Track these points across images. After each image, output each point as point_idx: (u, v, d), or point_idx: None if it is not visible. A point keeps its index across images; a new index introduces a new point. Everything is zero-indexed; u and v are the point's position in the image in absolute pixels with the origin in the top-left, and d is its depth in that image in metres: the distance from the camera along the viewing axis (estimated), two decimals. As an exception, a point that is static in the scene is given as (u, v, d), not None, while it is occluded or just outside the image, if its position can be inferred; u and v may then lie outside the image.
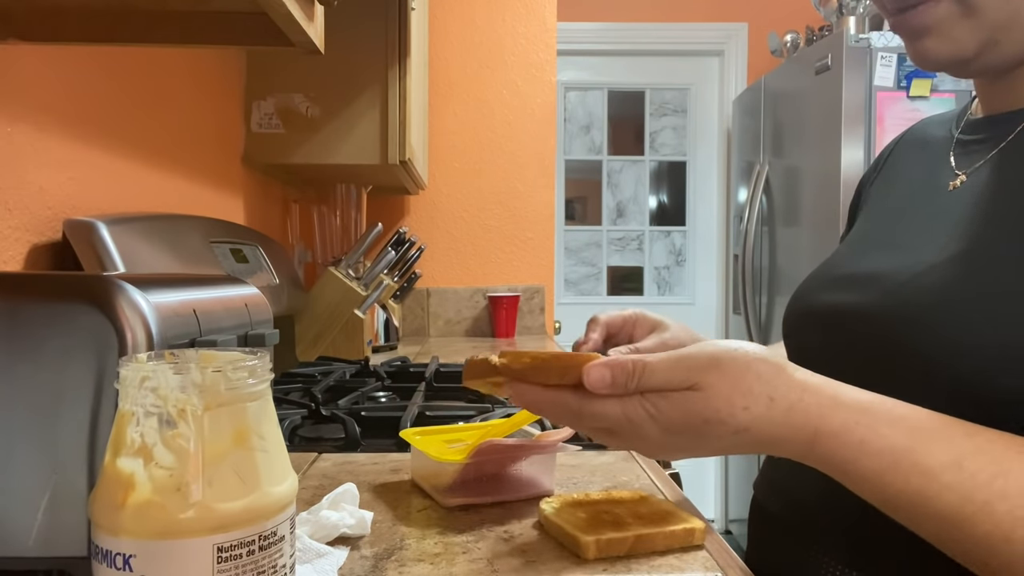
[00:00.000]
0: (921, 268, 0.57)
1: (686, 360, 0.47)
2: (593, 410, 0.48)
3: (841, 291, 0.64)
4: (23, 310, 0.50)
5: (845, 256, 0.71)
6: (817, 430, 0.46)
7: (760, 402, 0.46)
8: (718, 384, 0.46)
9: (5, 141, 0.83)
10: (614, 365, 0.47)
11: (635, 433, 0.48)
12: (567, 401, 0.49)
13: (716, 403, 0.46)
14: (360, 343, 1.71)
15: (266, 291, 1.33)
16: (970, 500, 0.44)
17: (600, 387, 0.47)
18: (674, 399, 0.47)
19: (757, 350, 0.48)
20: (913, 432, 0.46)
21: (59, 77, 0.94)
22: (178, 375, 0.37)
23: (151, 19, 0.75)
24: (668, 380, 0.47)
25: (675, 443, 0.48)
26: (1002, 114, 0.63)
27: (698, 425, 0.46)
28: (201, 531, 0.36)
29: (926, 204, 0.65)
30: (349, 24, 1.64)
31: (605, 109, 3.72)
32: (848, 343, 0.60)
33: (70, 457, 0.49)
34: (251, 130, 1.66)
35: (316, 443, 0.92)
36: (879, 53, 2.38)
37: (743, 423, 0.46)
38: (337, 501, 0.63)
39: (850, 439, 0.46)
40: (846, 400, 0.47)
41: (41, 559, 0.49)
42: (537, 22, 2.34)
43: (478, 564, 0.56)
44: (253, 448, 0.39)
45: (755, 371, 0.47)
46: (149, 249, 0.96)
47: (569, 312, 3.51)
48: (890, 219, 0.69)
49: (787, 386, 0.47)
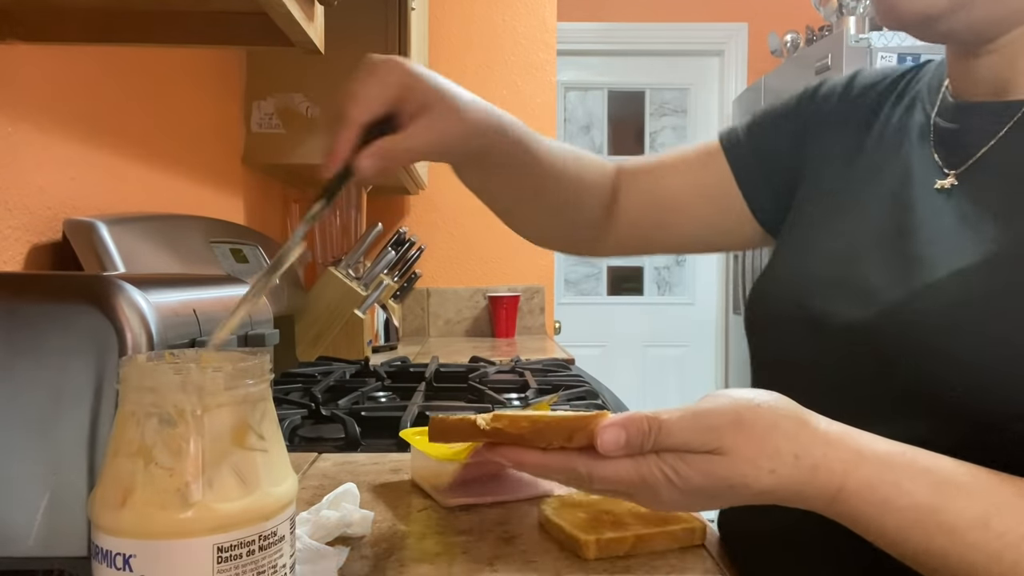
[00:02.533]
0: (925, 285, 0.53)
1: (706, 418, 0.45)
2: (605, 474, 0.45)
3: (832, 300, 0.60)
4: (23, 310, 0.50)
5: (822, 255, 0.64)
6: (841, 487, 0.44)
7: (787, 463, 0.44)
8: (744, 447, 0.44)
9: (5, 141, 0.83)
10: (628, 424, 0.44)
11: (651, 495, 0.46)
12: (574, 465, 0.46)
13: (743, 468, 0.44)
14: (360, 343, 1.71)
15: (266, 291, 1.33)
16: (998, 561, 0.42)
17: (614, 449, 0.44)
18: (695, 462, 0.44)
19: (776, 402, 0.46)
20: (937, 487, 0.44)
21: (59, 77, 0.94)
22: (178, 375, 0.37)
23: (151, 19, 0.75)
24: (687, 441, 0.44)
25: (693, 503, 0.46)
26: (983, 103, 0.59)
27: (721, 488, 0.44)
28: (201, 531, 0.36)
29: (912, 204, 0.59)
30: (349, 24, 1.64)
31: (605, 109, 3.72)
32: (848, 360, 0.57)
33: (70, 457, 0.49)
34: (251, 130, 1.66)
35: (316, 443, 0.92)
36: (879, 53, 2.38)
37: (768, 486, 0.44)
38: (337, 501, 0.63)
39: (874, 497, 0.44)
40: (869, 454, 0.45)
41: (41, 559, 0.49)
42: (537, 22, 2.34)
43: (478, 564, 0.56)
44: (253, 448, 0.39)
45: (781, 429, 0.45)
46: (149, 249, 0.96)
47: (569, 312, 3.51)
48: (869, 214, 0.62)
49: (811, 442, 0.45)
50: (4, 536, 0.49)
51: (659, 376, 3.69)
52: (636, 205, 0.80)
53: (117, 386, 0.38)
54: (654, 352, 3.73)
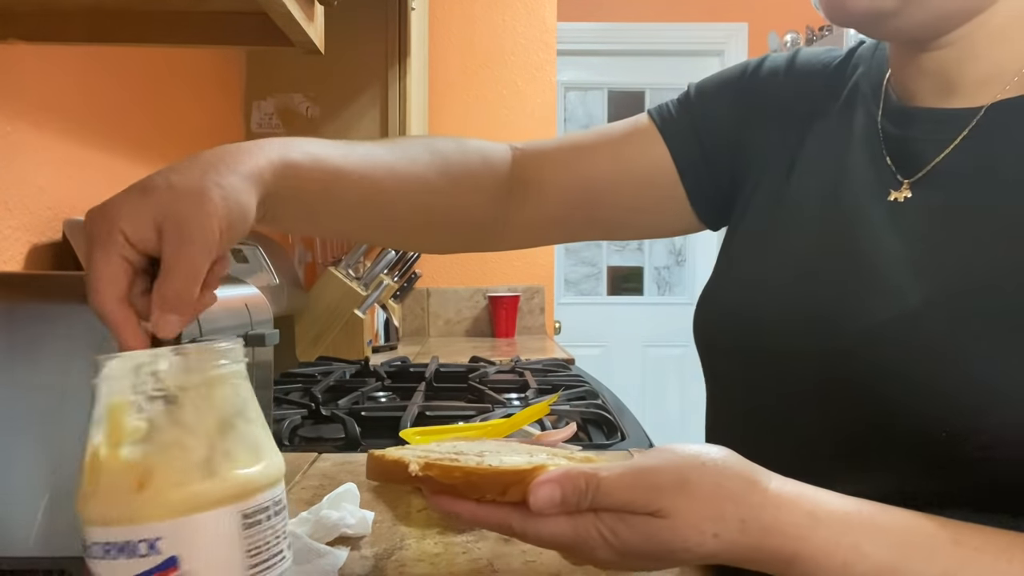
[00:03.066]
0: (888, 315, 0.51)
1: (648, 477, 0.42)
2: (539, 530, 0.43)
3: (787, 328, 0.56)
4: (23, 310, 0.50)
5: (772, 270, 0.60)
6: (796, 553, 0.42)
7: (732, 527, 0.41)
8: (686, 511, 0.41)
9: (5, 141, 0.83)
10: (563, 481, 0.41)
11: (586, 553, 0.43)
12: (508, 520, 0.43)
13: (685, 532, 0.41)
14: (360, 343, 1.71)
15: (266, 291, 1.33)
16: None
17: (548, 508, 0.41)
18: (634, 524, 0.41)
19: (724, 459, 0.44)
20: (897, 547, 0.42)
21: (59, 77, 0.94)
22: (178, 356, 0.38)
23: (151, 19, 0.75)
24: (627, 501, 0.41)
25: (631, 564, 0.44)
26: (934, 110, 0.56)
27: (661, 552, 0.42)
28: (227, 500, 0.37)
29: (864, 218, 0.56)
30: (349, 24, 1.64)
31: (605, 109, 3.72)
32: (802, 386, 0.55)
33: (70, 457, 0.49)
34: (251, 130, 1.66)
35: (316, 443, 0.92)
36: (879, 53, 2.38)
37: (712, 551, 0.42)
38: (337, 501, 0.63)
39: (831, 563, 0.42)
40: (824, 516, 0.43)
41: (41, 559, 0.49)
42: (537, 22, 2.34)
43: (478, 564, 0.56)
44: (252, 420, 0.40)
45: (726, 490, 0.42)
46: (149, 249, 0.96)
47: (569, 312, 3.51)
48: (819, 227, 0.59)
49: (760, 505, 0.42)
50: (4, 536, 0.49)
51: (659, 376, 3.69)
52: (551, 192, 0.72)
53: (96, 381, 0.38)
54: (654, 352, 3.73)
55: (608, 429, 0.98)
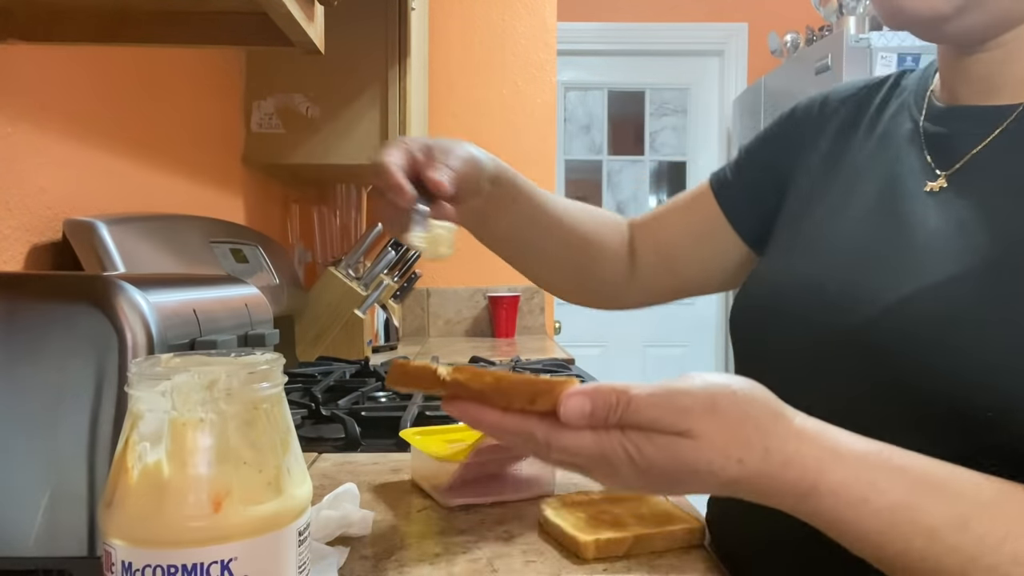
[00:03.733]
0: (915, 287, 0.52)
1: (677, 399, 0.42)
2: (564, 443, 0.43)
3: (818, 306, 0.58)
4: (23, 310, 0.50)
5: (811, 258, 0.63)
6: (814, 485, 0.42)
7: (756, 454, 0.42)
8: (713, 434, 0.42)
9: (5, 141, 0.83)
10: (594, 395, 0.42)
11: (608, 471, 0.43)
12: (533, 430, 0.43)
13: (709, 455, 0.42)
14: (360, 343, 1.71)
15: (266, 291, 1.33)
16: (976, 565, 0.41)
17: (577, 419, 0.42)
18: (661, 443, 0.42)
19: (752, 390, 0.44)
20: (915, 486, 0.42)
21: (59, 77, 0.94)
22: (251, 373, 0.38)
23: (151, 19, 0.75)
24: (656, 420, 0.42)
25: (651, 484, 0.44)
26: (973, 107, 0.59)
27: (684, 473, 0.42)
28: (290, 519, 0.38)
29: (899, 207, 0.58)
30: (349, 24, 1.64)
31: (605, 109, 3.72)
32: (835, 365, 0.56)
33: (70, 457, 0.49)
34: (251, 130, 1.66)
35: (316, 443, 0.92)
36: (879, 53, 2.38)
37: (734, 476, 0.42)
38: (337, 501, 0.63)
39: (850, 497, 0.42)
40: (845, 452, 0.43)
41: (41, 559, 0.49)
42: (537, 22, 2.34)
43: (478, 564, 0.56)
44: (295, 438, 0.41)
45: (753, 419, 0.43)
46: (149, 249, 0.96)
47: (569, 312, 3.51)
48: (855, 219, 0.62)
49: (784, 436, 0.43)
50: (4, 536, 0.49)
51: (659, 376, 3.66)
52: (648, 258, 0.85)
53: (158, 392, 0.36)
54: (654, 352, 3.73)
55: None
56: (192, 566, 0.35)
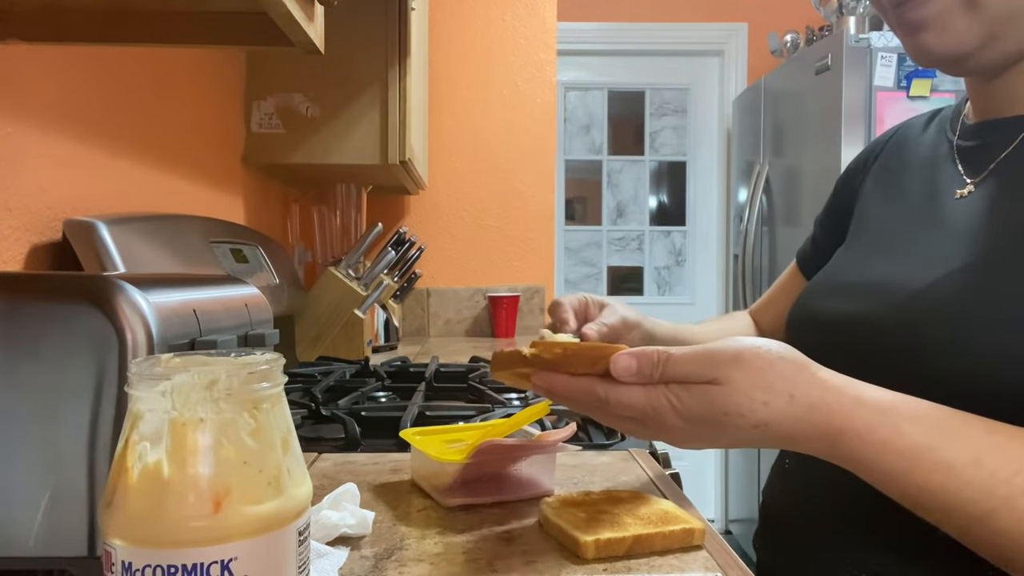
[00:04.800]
0: (933, 278, 0.58)
1: (710, 355, 0.48)
2: (619, 397, 0.49)
3: (846, 299, 0.65)
4: (23, 310, 0.50)
5: (847, 263, 0.72)
6: (841, 430, 0.47)
7: (780, 398, 0.47)
8: (739, 379, 0.47)
9: (5, 141, 0.83)
10: (639, 354, 0.49)
11: (658, 422, 0.49)
12: (594, 388, 0.50)
13: (736, 397, 0.47)
14: (360, 343, 1.71)
15: (266, 291, 1.33)
16: (991, 496, 0.45)
17: (626, 375, 0.49)
18: (695, 391, 0.48)
19: (780, 348, 0.49)
20: (934, 430, 0.47)
21: (59, 77, 0.94)
22: (251, 373, 0.37)
23: (151, 19, 0.75)
24: (690, 372, 0.48)
25: (697, 433, 0.49)
26: (1000, 119, 0.63)
27: (718, 417, 0.48)
28: (290, 519, 0.38)
29: (932, 213, 0.65)
30: (349, 24, 1.64)
31: (605, 109, 3.72)
32: (855, 352, 0.61)
33: (70, 457, 0.49)
34: (251, 130, 1.66)
35: (316, 443, 0.92)
36: (879, 53, 2.38)
37: (763, 418, 0.47)
38: (337, 501, 0.63)
39: (873, 439, 0.47)
40: (868, 400, 0.48)
41: (41, 559, 0.49)
42: (537, 22, 2.34)
43: (478, 564, 0.56)
44: (295, 438, 0.41)
45: (777, 369, 0.48)
46: (149, 249, 0.96)
47: (569, 312, 3.51)
48: (893, 227, 0.69)
49: (808, 384, 0.48)
50: (4, 536, 0.49)
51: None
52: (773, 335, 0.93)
53: (157, 392, 0.36)
54: (654, 352, 3.72)
55: (608, 429, 0.98)
56: (192, 566, 0.35)
